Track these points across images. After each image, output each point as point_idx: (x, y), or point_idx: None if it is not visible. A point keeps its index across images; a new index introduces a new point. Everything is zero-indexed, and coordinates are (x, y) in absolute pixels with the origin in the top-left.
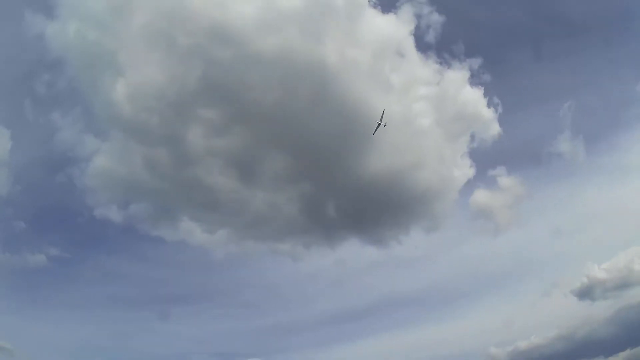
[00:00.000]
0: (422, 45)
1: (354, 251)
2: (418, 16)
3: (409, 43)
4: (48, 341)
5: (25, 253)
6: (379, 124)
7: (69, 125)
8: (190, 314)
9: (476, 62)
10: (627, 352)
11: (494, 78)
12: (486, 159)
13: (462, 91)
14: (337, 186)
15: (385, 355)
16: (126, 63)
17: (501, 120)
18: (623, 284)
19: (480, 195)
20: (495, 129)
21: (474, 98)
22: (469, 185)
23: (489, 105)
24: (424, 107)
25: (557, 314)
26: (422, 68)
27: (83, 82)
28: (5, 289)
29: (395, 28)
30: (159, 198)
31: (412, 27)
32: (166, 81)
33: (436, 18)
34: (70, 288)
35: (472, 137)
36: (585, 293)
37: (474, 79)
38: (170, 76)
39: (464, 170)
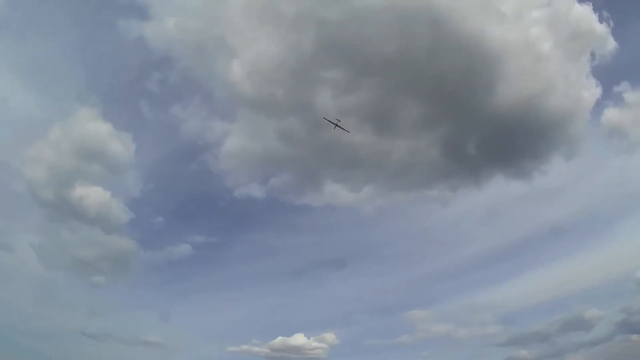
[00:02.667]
0: None
1: (500, 188)
2: None
3: None
4: (200, 328)
5: (168, 247)
6: (335, 123)
7: (191, 115)
8: (347, 275)
9: None
10: None
11: None
12: (609, 76)
13: (572, 9)
14: (473, 123)
15: (539, 290)
16: (236, 44)
17: (615, 34)
18: None
19: (611, 114)
20: (611, 44)
21: (585, 14)
22: (598, 105)
23: (600, 20)
24: (540, 31)
25: None
26: None
27: (196, 72)
28: (151, 287)
29: None
30: (298, 167)
31: None
32: (282, 52)
33: None
34: (219, 272)
35: (592, 55)
36: None
37: None
38: (284, 46)
39: (591, 90)
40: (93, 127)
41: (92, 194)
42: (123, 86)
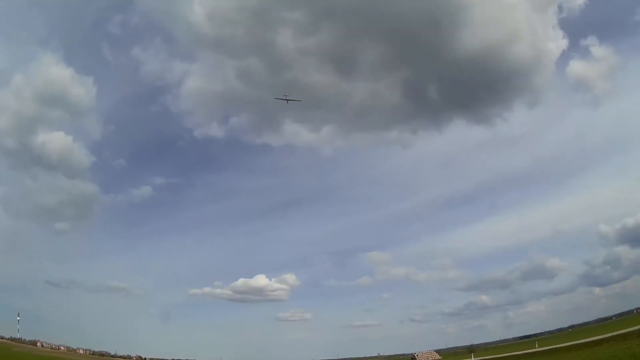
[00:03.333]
0: None
1: (461, 132)
2: None
3: None
4: (163, 272)
5: (129, 189)
6: (286, 99)
7: (152, 57)
8: (308, 217)
9: None
10: None
11: None
12: (577, 29)
13: None
14: (436, 67)
15: (500, 237)
16: None
17: None
18: None
19: (576, 66)
20: None
21: None
22: (564, 57)
23: None
24: None
25: None
26: None
27: (157, 13)
28: (113, 231)
29: None
30: (258, 106)
31: None
32: None
33: None
34: (181, 214)
35: (560, 7)
36: None
37: None
38: None
39: (557, 41)
40: (55, 72)
41: (54, 140)
42: (85, 29)
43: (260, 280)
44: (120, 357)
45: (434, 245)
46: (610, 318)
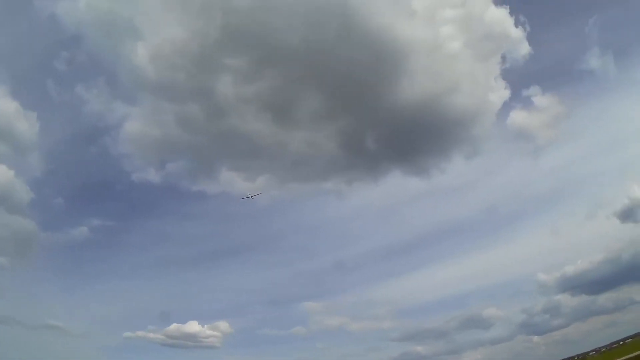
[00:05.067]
0: None
1: (397, 183)
2: None
3: None
4: (98, 313)
5: (66, 229)
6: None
7: (95, 97)
8: (243, 265)
9: None
10: None
11: None
12: (520, 79)
13: (487, 11)
14: (374, 118)
15: (436, 287)
16: (144, 27)
17: (530, 39)
18: None
19: (518, 116)
20: (525, 48)
21: (500, 17)
22: (506, 107)
23: (516, 24)
24: (451, 30)
25: (602, 236)
26: None
27: (103, 52)
28: (51, 269)
29: None
30: (195, 153)
31: None
32: (187, 37)
33: None
34: (116, 256)
35: (503, 57)
36: (628, 215)
37: None
38: (190, 31)
39: (499, 92)
40: (1, 105)
41: None
42: (32, 64)
43: (193, 326)
44: None
45: (370, 295)
46: None
